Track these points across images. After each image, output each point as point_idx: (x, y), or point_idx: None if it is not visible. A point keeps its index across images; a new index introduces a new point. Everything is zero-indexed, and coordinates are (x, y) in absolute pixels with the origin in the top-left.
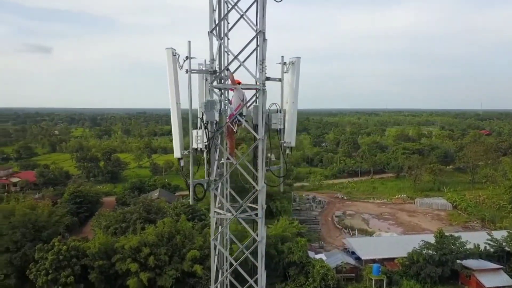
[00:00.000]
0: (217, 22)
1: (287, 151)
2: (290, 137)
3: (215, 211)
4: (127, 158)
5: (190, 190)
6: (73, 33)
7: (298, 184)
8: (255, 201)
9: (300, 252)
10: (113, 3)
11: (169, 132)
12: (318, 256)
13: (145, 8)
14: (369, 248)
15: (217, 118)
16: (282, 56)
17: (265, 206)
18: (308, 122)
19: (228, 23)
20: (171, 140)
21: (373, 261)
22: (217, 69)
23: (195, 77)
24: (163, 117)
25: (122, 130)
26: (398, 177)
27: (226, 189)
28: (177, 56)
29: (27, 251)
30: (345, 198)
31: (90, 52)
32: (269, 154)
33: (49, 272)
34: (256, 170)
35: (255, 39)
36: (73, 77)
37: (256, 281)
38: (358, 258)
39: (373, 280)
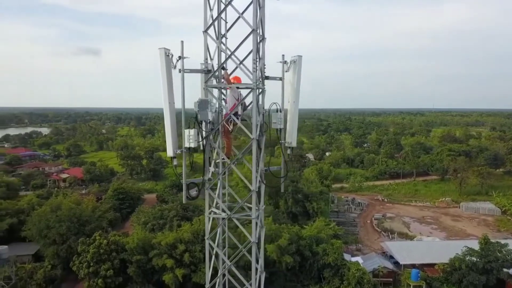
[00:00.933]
0: (217, 21)
1: (288, 151)
2: (290, 137)
3: (212, 211)
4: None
5: (183, 189)
6: (121, 35)
7: (337, 185)
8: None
9: (335, 254)
10: (159, 5)
11: None
12: (354, 259)
13: (191, 9)
14: (408, 252)
15: (210, 117)
16: (283, 55)
17: (263, 206)
18: (350, 122)
19: (226, 22)
20: None
21: (413, 266)
22: (212, 69)
23: (197, 76)
24: None
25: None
26: (442, 180)
27: (224, 188)
28: (170, 56)
29: (71, 244)
30: (386, 200)
31: (137, 54)
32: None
33: (90, 264)
34: (256, 170)
35: (256, 39)
36: (120, 77)
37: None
38: (396, 263)
39: (412, 286)
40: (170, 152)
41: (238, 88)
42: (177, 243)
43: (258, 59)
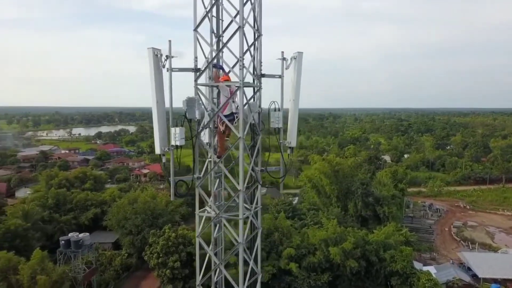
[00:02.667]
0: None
1: (288, 152)
2: (290, 137)
3: (205, 209)
4: None
5: (171, 186)
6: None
7: (414, 189)
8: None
9: (404, 261)
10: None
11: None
12: (426, 268)
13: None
14: (489, 265)
15: (198, 115)
16: (282, 52)
17: (259, 206)
18: (433, 122)
19: (222, 20)
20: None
21: (494, 281)
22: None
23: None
24: None
25: None
26: None
27: (216, 187)
28: (158, 55)
29: (145, 235)
30: (468, 207)
31: None
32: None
33: (160, 255)
34: (253, 169)
35: (242, 36)
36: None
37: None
38: (474, 275)
39: None
40: (158, 149)
41: (227, 86)
42: None
43: (242, 57)
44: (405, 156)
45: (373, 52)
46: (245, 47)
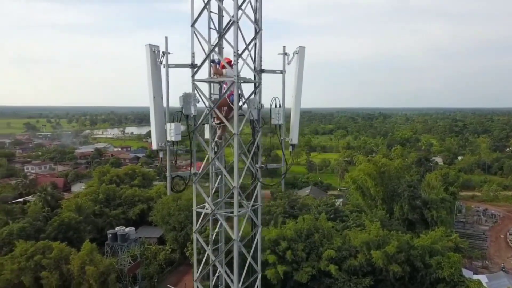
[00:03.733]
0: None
1: (290, 149)
2: (291, 134)
3: (204, 205)
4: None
5: (168, 182)
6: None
7: (468, 193)
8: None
9: (452, 269)
10: (290, 8)
11: (331, 131)
12: (477, 277)
13: (317, 8)
14: None
15: (193, 111)
16: (284, 47)
17: (259, 204)
18: (492, 123)
19: (222, 16)
20: (331, 139)
21: None
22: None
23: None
24: (326, 116)
25: (286, 128)
26: None
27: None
28: (156, 52)
29: (188, 231)
30: None
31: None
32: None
33: (200, 252)
34: (253, 167)
35: (236, 30)
36: None
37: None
38: None
39: None
40: (154, 145)
41: (220, 81)
42: (279, 239)
43: (237, 52)
44: (459, 158)
45: (426, 50)
46: (245, 43)
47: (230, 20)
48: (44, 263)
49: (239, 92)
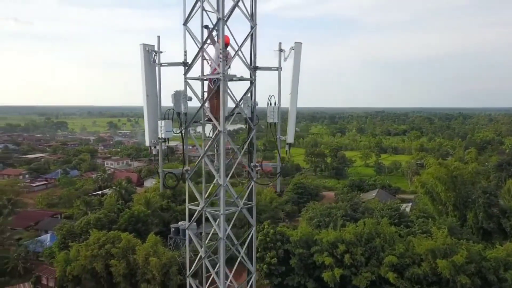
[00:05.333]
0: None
1: (286, 148)
2: (287, 133)
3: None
4: (355, 156)
5: (160, 178)
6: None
7: None
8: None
9: None
10: (357, 5)
11: (404, 132)
12: None
13: (386, 6)
14: None
15: (183, 109)
16: (280, 43)
17: (253, 203)
18: None
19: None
20: (403, 140)
21: None
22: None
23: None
24: (400, 116)
25: (356, 128)
26: None
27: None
28: (150, 51)
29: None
30: None
31: (333, 54)
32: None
33: (258, 250)
34: (249, 165)
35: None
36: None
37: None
38: None
39: None
40: (147, 142)
41: (209, 79)
42: (337, 242)
43: (222, 49)
44: None
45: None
46: (236, 42)
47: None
48: (113, 252)
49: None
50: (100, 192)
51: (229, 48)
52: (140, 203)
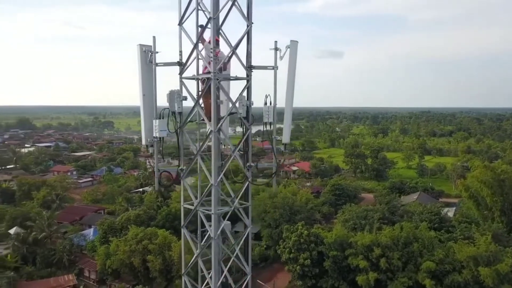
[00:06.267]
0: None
1: (282, 148)
2: (283, 133)
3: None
4: (397, 157)
5: (155, 177)
6: (362, 37)
7: None
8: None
9: None
10: (404, 2)
11: (450, 133)
12: None
13: (436, 3)
14: None
15: (177, 108)
16: (275, 42)
17: (249, 203)
18: None
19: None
20: (449, 142)
21: None
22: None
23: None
24: (447, 117)
25: (400, 129)
26: None
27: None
28: (146, 51)
29: (282, 229)
30: None
31: (377, 53)
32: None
33: (291, 251)
34: (244, 165)
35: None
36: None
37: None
38: None
39: None
40: (144, 140)
41: (202, 78)
42: (373, 245)
43: (213, 48)
44: None
45: None
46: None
47: (225, 17)
48: (150, 248)
49: (217, 88)
50: (141, 189)
51: (227, 48)
52: (178, 200)
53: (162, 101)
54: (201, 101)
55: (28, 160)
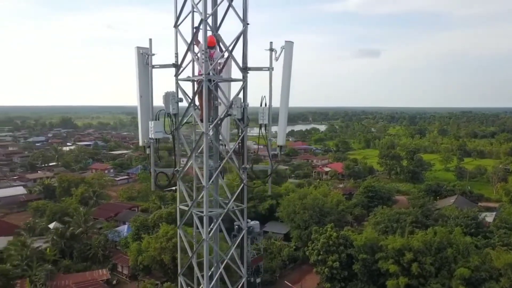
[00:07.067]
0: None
1: (277, 151)
2: (277, 134)
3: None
4: (434, 159)
5: (152, 177)
6: (400, 35)
7: None
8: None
9: None
10: None
11: (493, 134)
12: None
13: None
14: None
15: (171, 110)
16: (271, 42)
17: (244, 205)
18: None
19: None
20: (491, 143)
21: None
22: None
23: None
24: (489, 117)
25: (438, 129)
26: None
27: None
28: (144, 54)
29: (312, 230)
30: None
31: (416, 52)
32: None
33: (320, 252)
34: (239, 167)
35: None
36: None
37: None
38: None
39: None
40: (141, 141)
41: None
42: (404, 250)
43: (205, 49)
44: None
45: None
46: (233, 41)
47: (222, 19)
48: None
49: (209, 89)
50: (174, 187)
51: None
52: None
53: (160, 102)
54: (191, 102)
55: (69, 158)
